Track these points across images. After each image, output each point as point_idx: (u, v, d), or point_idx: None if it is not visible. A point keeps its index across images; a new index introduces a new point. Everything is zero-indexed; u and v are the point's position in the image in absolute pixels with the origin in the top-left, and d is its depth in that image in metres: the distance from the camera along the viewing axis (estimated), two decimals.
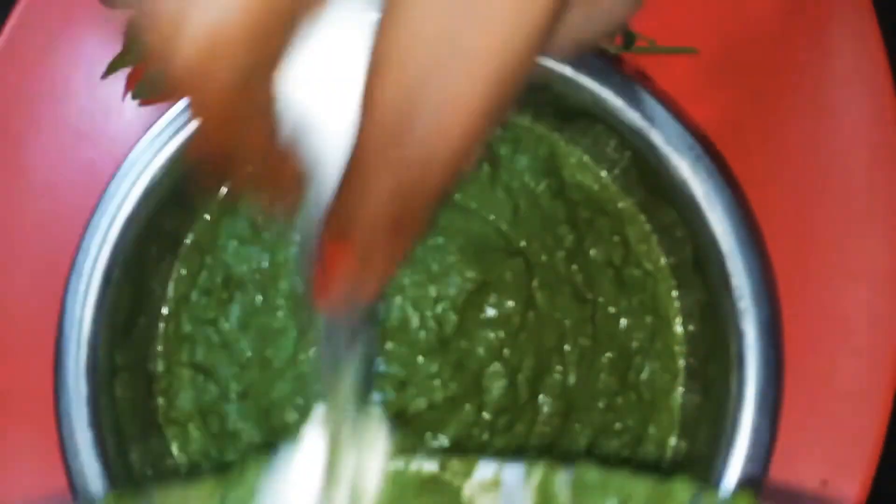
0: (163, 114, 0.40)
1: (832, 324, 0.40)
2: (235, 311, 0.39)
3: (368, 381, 0.28)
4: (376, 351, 0.37)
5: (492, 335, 0.38)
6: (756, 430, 0.34)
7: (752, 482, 0.34)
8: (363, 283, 0.22)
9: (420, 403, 0.38)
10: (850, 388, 0.39)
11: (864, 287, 0.40)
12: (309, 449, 0.29)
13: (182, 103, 0.38)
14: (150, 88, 0.44)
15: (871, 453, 0.38)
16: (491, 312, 0.38)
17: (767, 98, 0.42)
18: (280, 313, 0.39)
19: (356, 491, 0.29)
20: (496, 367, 0.38)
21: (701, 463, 0.36)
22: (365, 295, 0.23)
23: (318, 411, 0.29)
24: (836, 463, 0.38)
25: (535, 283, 0.39)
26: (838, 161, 0.41)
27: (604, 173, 0.40)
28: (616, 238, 0.39)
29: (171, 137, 0.37)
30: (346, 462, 0.29)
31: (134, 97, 0.44)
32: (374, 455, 0.29)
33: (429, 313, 0.38)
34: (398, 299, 0.38)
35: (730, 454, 0.34)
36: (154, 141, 0.37)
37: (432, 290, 0.38)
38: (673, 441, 0.38)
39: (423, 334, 0.38)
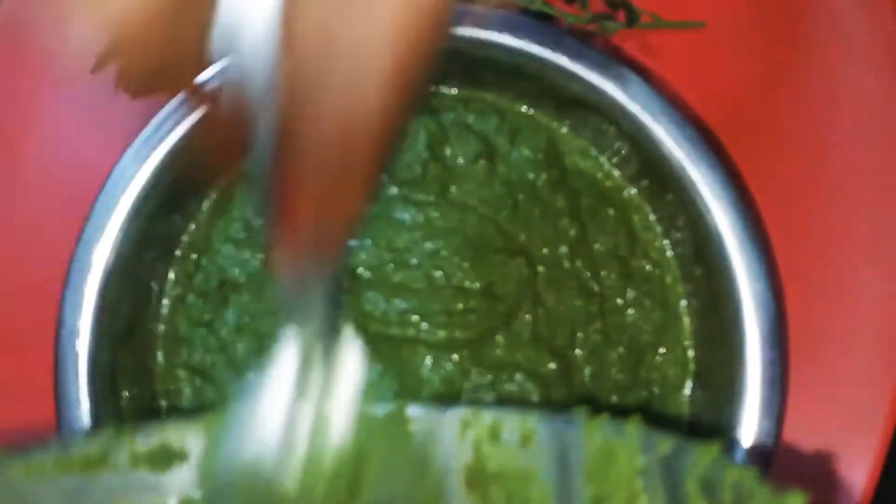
0: (156, 105, 0.39)
1: (837, 319, 0.39)
2: (231, 314, 0.38)
3: (335, 316, 0.28)
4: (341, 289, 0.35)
5: (503, 340, 0.38)
6: (759, 432, 0.33)
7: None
8: (327, 226, 0.23)
9: None
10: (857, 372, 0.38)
11: (873, 273, 0.39)
12: (280, 370, 0.28)
13: (174, 100, 0.38)
14: (143, 81, 0.43)
15: (879, 448, 0.37)
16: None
17: (772, 80, 0.41)
18: (275, 317, 0.38)
19: (322, 416, 0.29)
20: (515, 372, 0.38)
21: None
22: (332, 240, 0.23)
23: (288, 334, 0.28)
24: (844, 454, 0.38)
25: (539, 280, 0.38)
26: (847, 148, 0.40)
27: (606, 161, 0.39)
28: (621, 228, 0.38)
29: (160, 141, 0.36)
30: (315, 385, 0.28)
31: (125, 91, 0.43)
32: (345, 381, 0.29)
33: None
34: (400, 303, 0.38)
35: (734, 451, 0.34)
36: (144, 145, 0.37)
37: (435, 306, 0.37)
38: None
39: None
